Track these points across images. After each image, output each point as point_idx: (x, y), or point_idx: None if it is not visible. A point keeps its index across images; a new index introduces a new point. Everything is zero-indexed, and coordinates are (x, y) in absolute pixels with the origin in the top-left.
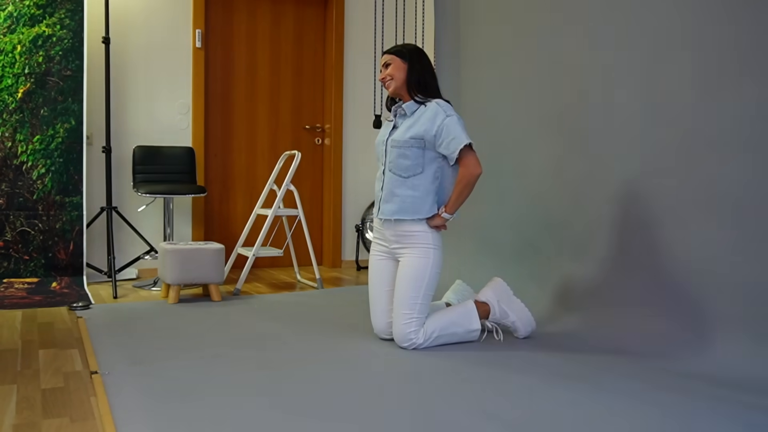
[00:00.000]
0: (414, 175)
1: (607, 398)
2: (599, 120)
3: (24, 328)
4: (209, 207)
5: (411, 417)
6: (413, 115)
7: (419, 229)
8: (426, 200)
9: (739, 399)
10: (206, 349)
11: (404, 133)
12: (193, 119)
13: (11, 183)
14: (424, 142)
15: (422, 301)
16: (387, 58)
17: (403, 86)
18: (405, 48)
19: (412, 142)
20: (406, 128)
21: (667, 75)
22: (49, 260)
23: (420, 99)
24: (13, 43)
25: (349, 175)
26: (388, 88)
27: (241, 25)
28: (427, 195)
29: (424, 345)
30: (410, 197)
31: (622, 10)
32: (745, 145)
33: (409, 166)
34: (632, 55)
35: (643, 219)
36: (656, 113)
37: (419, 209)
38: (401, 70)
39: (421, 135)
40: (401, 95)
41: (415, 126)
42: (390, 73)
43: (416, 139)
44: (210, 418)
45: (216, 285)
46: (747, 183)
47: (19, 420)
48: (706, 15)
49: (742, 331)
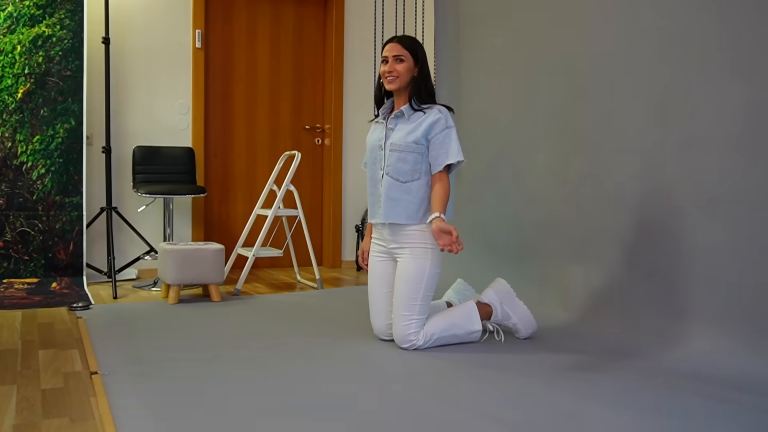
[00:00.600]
0: (412, 180)
1: (607, 398)
2: (599, 120)
3: (24, 329)
4: (209, 207)
5: (411, 417)
6: (412, 119)
7: (417, 228)
8: (420, 207)
9: (738, 399)
10: (206, 349)
11: (405, 137)
12: (193, 119)
13: (11, 183)
14: (425, 148)
15: (421, 302)
16: (399, 51)
17: (406, 88)
18: (416, 46)
19: (413, 147)
20: (407, 132)
21: (667, 75)
22: (49, 260)
23: (417, 106)
24: (13, 43)
25: (349, 175)
26: (390, 83)
27: (241, 25)
28: (422, 202)
29: (425, 346)
30: (406, 202)
31: (622, 10)
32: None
33: (408, 171)
34: (632, 55)
35: (643, 219)
36: (656, 113)
37: (413, 215)
38: (410, 72)
39: (421, 141)
40: (399, 95)
41: (417, 131)
42: (399, 71)
43: (418, 144)
44: (210, 418)
45: (216, 285)
46: (747, 183)
47: (19, 420)
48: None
49: (742, 330)
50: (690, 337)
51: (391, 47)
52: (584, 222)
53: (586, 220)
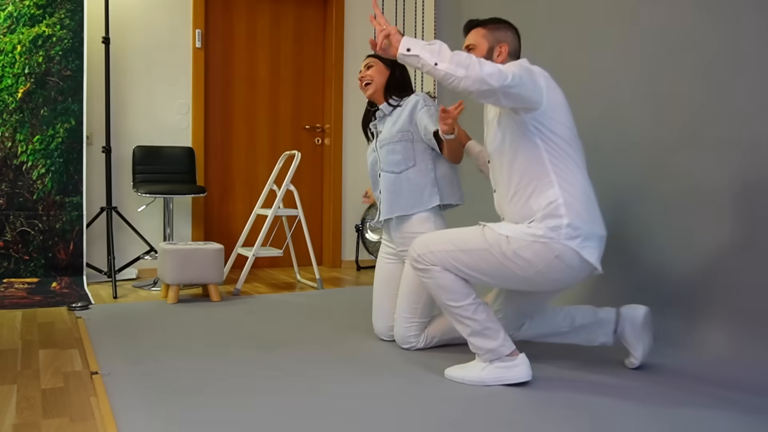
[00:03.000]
0: (406, 168)
1: (608, 398)
2: (599, 120)
3: (24, 328)
4: (209, 207)
5: (411, 418)
6: (394, 114)
7: (424, 230)
8: (423, 192)
9: (738, 399)
10: (206, 349)
11: (391, 130)
12: (193, 119)
13: (11, 183)
14: (412, 134)
15: (424, 307)
16: (367, 61)
17: (381, 91)
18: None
19: (399, 136)
20: (391, 125)
21: (667, 75)
22: (49, 260)
23: (395, 102)
24: (13, 43)
25: (349, 175)
26: (365, 89)
27: (241, 25)
28: (424, 186)
29: (425, 347)
30: (407, 191)
31: (622, 10)
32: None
33: (399, 161)
34: (632, 55)
35: (643, 219)
36: (656, 113)
37: (417, 202)
38: (382, 75)
39: (407, 128)
40: (376, 99)
41: (400, 120)
42: (370, 75)
43: (403, 132)
44: (210, 418)
45: (215, 285)
46: (748, 183)
47: (19, 420)
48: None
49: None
50: (690, 337)
51: (364, 62)
52: None
53: None
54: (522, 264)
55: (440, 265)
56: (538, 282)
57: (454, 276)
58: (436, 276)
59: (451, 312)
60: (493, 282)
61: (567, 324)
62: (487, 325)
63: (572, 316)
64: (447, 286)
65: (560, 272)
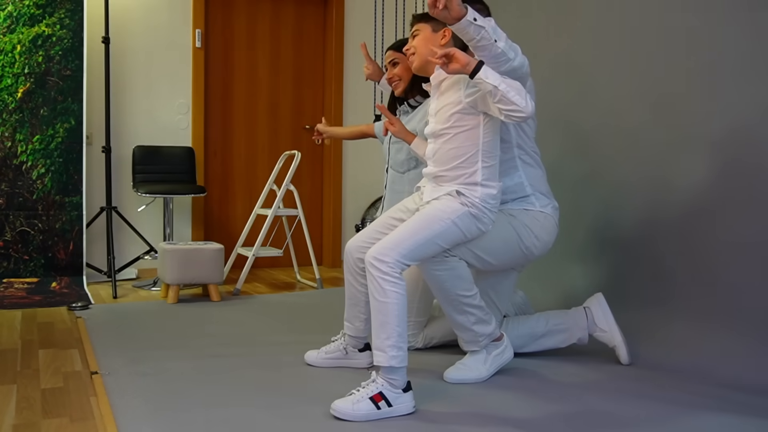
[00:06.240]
0: (409, 169)
1: (608, 398)
2: (600, 120)
3: (24, 328)
4: (209, 207)
5: (410, 418)
6: (410, 114)
7: None
8: None
9: (738, 399)
10: (206, 349)
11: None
12: (193, 119)
13: (11, 183)
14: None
15: (419, 305)
16: (394, 55)
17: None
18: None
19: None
20: (405, 123)
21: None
22: (48, 260)
23: (415, 102)
24: (12, 42)
25: (349, 175)
26: (396, 88)
27: (241, 25)
28: None
29: (423, 348)
30: (408, 192)
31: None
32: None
33: (403, 161)
34: (632, 55)
35: (643, 218)
36: (656, 113)
37: None
38: (409, 71)
39: (415, 129)
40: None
41: (413, 121)
42: (398, 74)
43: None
44: (209, 418)
45: (215, 285)
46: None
47: (19, 420)
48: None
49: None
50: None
51: (387, 56)
52: (585, 222)
53: (587, 220)
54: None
55: (458, 255)
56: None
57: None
58: (455, 266)
59: (461, 302)
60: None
61: (542, 324)
62: (486, 311)
63: (546, 317)
64: (464, 275)
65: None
